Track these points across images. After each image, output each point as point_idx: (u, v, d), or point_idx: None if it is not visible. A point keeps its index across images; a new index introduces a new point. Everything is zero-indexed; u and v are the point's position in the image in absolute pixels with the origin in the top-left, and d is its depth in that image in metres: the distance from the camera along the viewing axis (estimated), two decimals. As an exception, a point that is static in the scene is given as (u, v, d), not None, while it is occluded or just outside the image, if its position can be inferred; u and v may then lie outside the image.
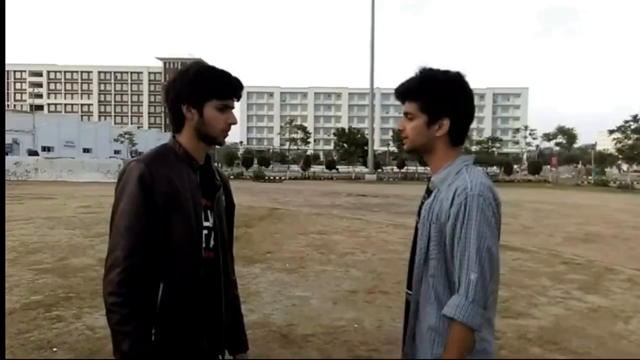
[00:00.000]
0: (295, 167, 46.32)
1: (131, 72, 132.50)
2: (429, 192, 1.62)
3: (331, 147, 74.27)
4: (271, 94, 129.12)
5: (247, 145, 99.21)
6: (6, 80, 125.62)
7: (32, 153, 42.58)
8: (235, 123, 1.66)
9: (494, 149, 58.56)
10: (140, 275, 1.46)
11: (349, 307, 5.08)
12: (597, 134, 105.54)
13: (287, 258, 7.44)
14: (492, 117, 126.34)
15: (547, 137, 67.48)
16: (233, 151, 61.58)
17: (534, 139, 67.14)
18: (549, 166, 47.95)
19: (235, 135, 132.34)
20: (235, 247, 6.88)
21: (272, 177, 37.28)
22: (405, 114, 1.61)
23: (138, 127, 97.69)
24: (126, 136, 70.96)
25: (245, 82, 1.76)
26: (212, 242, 1.64)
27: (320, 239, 9.37)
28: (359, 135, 50.66)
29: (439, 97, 1.55)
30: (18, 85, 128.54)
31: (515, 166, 48.54)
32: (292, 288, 5.78)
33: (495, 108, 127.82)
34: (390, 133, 70.58)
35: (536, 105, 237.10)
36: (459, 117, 1.58)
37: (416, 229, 1.64)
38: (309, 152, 66.77)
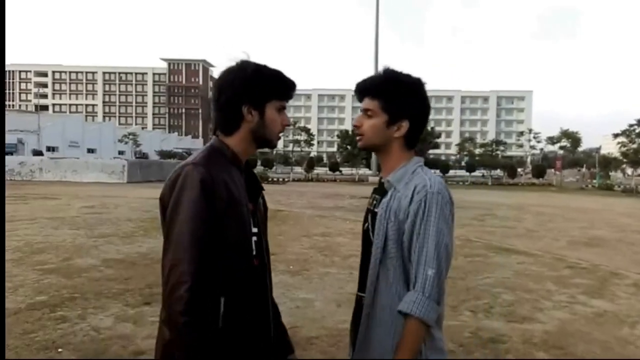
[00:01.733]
0: (298, 169, 46.39)
1: (135, 73, 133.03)
2: (381, 191, 1.60)
3: (335, 149, 74.20)
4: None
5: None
6: (11, 80, 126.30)
7: (37, 153, 42.75)
8: (290, 125, 1.61)
9: (498, 152, 58.41)
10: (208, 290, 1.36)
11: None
12: (601, 138, 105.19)
13: (290, 260, 7.43)
14: (495, 120, 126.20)
15: (551, 140, 67.26)
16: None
17: (538, 142, 66.97)
18: (553, 170, 47.84)
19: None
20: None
21: (275, 179, 37.32)
22: (365, 110, 1.59)
23: (142, 128, 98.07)
24: (130, 137, 71.22)
25: None
26: (260, 249, 1.55)
27: (323, 241, 9.36)
28: (362, 138, 50.65)
29: (402, 98, 1.55)
30: (23, 86, 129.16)
31: (519, 169, 48.47)
32: (296, 290, 5.77)
33: (499, 111, 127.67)
34: (394, 135, 70.47)
35: (540, 109, 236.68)
36: (417, 120, 1.59)
37: (364, 233, 1.62)
38: (312, 154, 66.80)
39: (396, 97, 1.55)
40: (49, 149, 52.92)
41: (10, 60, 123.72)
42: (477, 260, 7.87)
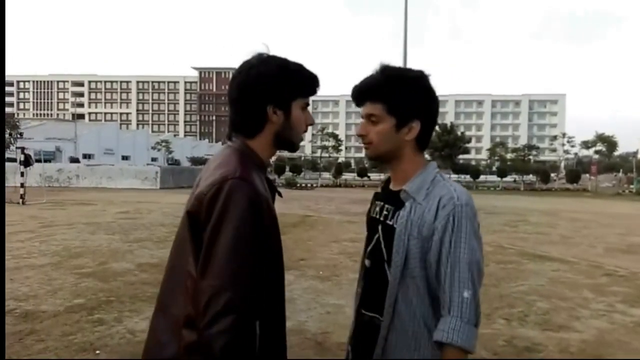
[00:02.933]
0: (326, 175, 46.39)
1: (168, 82, 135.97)
2: (392, 200, 1.45)
3: (362, 154, 74.05)
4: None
5: (279, 153, 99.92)
6: (50, 90, 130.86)
7: (74, 160, 44.11)
8: (313, 123, 1.44)
9: (530, 157, 57.19)
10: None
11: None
12: (638, 142, 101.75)
13: (320, 265, 7.45)
14: (527, 124, 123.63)
15: (586, 144, 65.57)
16: (282, 163, 62.27)
17: (572, 146, 65.45)
18: (588, 175, 46.49)
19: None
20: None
21: (303, 185, 37.47)
22: (369, 116, 1.43)
23: (174, 135, 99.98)
24: (163, 144, 72.79)
25: None
26: None
27: (353, 246, 9.33)
28: (390, 143, 50.34)
29: (409, 97, 1.40)
30: (61, 95, 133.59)
31: (552, 174, 47.26)
32: (326, 296, 5.78)
33: (531, 115, 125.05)
34: (423, 140, 69.80)
35: (574, 112, 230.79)
36: (429, 118, 1.45)
37: (367, 243, 1.51)
38: (340, 160, 66.77)
39: (402, 96, 1.39)
40: (85, 156, 54.53)
41: (48, 71, 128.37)
42: (510, 267, 7.72)
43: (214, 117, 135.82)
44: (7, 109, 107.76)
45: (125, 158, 66.18)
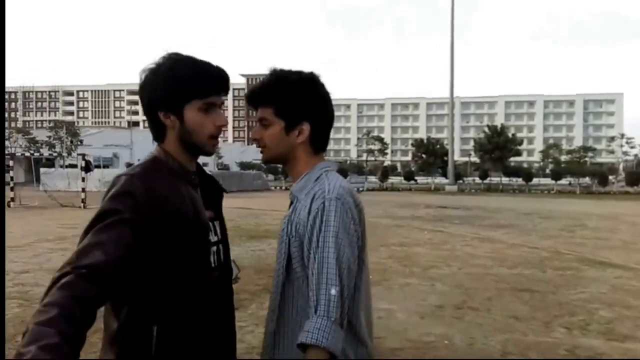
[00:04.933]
0: (372, 179, 46.16)
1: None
2: (290, 204, 1.42)
3: (409, 158, 73.24)
4: (348, 106, 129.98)
5: (325, 157, 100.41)
6: (106, 99, 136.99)
7: (130, 166, 45.86)
8: (225, 125, 1.39)
9: (586, 159, 54.74)
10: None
11: (437, 322, 4.98)
12: None
13: (370, 269, 7.41)
14: (583, 124, 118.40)
15: (647, 145, 61.95)
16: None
17: (632, 147, 61.96)
18: (650, 177, 43.91)
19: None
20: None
21: (350, 189, 37.41)
22: (260, 120, 1.42)
23: (223, 141, 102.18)
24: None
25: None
26: (221, 258, 1.44)
27: (401, 250, 9.27)
28: (438, 146, 49.70)
29: (295, 99, 1.38)
30: (117, 104, 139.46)
31: (610, 177, 45.02)
32: (377, 300, 5.74)
33: (586, 115, 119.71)
34: (472, 143, 68.28)
35: (632, 112, 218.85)
36: (319, 120, 1.42)
37: None
38: (386, 164, 66.28)
39: (289, 99, 1.37)
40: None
41: (105, 80, 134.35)
42: (569, 273, 7.43)
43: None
44: (68, 118, 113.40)
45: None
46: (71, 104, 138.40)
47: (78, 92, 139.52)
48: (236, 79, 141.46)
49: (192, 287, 1.28)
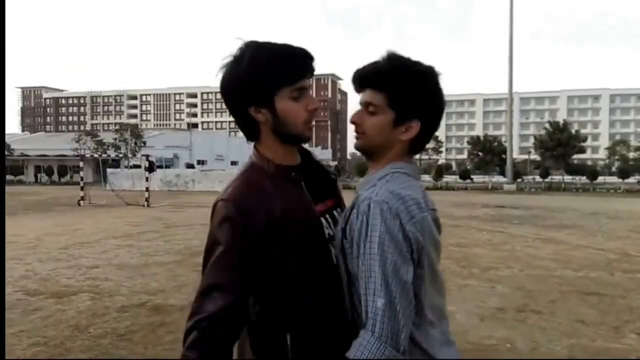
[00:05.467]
0: (426, 177, 45.38)
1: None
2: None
3: (465, 156, 71.50)
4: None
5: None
6: (167, 102, 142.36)
7: (189, 166, 47.60)
8: (317, 108, 1.29)
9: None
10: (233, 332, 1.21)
11: (498, 324, 4.85)
12: None
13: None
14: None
15: None
16: (364, 161, 62.39)
17: None
18: None
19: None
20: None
21: (403, 188, 36.97)
22: (367, 104, 1.27)
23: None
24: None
25: None
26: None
27: (459, 251, 9.06)
28: (495, 143, 48.14)
29: (414, 93, 1.24)
30: (177, 106, 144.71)
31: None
32: (435, 301, 5.67)
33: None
34: (532, 140, 65.61)
35: None
36: (430, 121, 1.28)
37: None
38: (440, 162, 65.01)
39: (406, 90, 1.24)
40: (199, 162, 58.58)
41: (166, 84, 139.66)
42: (639, 277, 7.01)
43: (313, 123, 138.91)
44: (132, 120, 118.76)
45: (234, 163, 70.03)
46: (135, 107, 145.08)
47: (141, 95, 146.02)
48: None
49: (317, 289, 1.23)
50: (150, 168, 20.60)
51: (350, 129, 1.37)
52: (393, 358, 1.06)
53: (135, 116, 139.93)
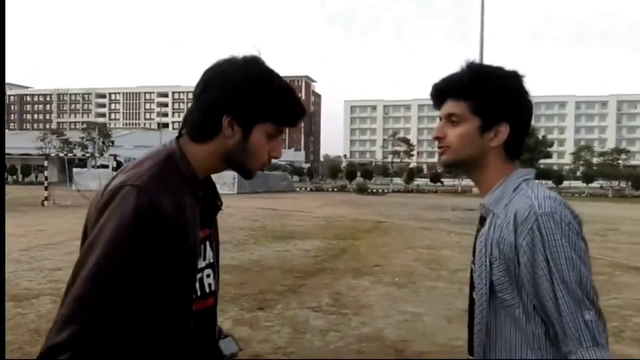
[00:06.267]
0: (398, 180, 45.87)
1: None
2: (481, 220, 1.25)
3: (435, 159, 72.46)
4: (374, 107, 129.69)
5: (350, 159, 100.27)
6: (137, 101, 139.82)
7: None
8: (278, 157, 1.22)
9: (620, 161, 53.18)
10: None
11: (465, 326, 4.90)
12: None
13: (395, 272, 7.38)
14: (616, 126, 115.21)
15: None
16: (336, 164, 62.56)
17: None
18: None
19: (338, 148, 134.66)
20: (343, 259, 7.01)
21: (375, 190, 37.27)
22: (449, 116, 1.23)
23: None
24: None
25: (348, 96, 1.35)
26: (213, 285, 1.23)
27: (428, 253, 9.18)
28: (465, 147, 48.87)
29: (498, 95, 1.21)
30: (147, 106, 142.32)
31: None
32: (404, 303, 5.72)
33: (619, 116, 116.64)
34: (500, 145, 67.09)
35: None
36: (520, 122, 1.25)
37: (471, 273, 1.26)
38: (412, 165, 65.80)
39: (490, 94, 1.21)
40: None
41: (136, 83, 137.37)
42: (601, 279, 7.20)
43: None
44: (100, 119, 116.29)
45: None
46: (103, 106, 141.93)
47: (110, 94, 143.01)
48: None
49: (173, 319, 1.09)
50: (118, 168, 20.13)
51: (325, 131, 1.30)
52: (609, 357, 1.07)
53: (103, 115, 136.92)
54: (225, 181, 30.26)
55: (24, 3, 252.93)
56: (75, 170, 30.37)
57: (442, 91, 1.26)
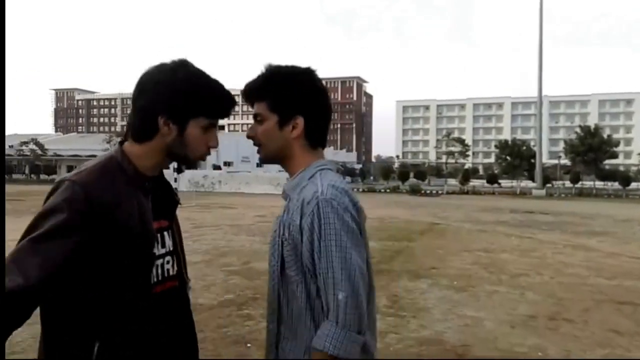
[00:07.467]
0: (452, 181, 44.84)
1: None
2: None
3: (492, 160, 70.33)
4: (427, 107, 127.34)
5: (402, 159, 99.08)
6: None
7: (216, 167, 48.20)
8: (216, 147, 1.34)
9: None
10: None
11: (528, 332, 4.77)
12: None
13: (453, 275, 7.26)
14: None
15: None
16: (389, 165, 62.06)
17: None
18: None
19: (390, 149, 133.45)
20: (398, 260, 6.94)
21: (428, 191, 36.64)
22: (255, 116, 1.38)
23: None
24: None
25: (400, 97, 1.43)
26: (174, 269, 1.37)
27: (487, 257, 8.95)
28: (524, 147, 47.06)
29: (288, 92, 1.34)
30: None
31: None
32: (463, 307, 5.62)
33: None
34: (561, 144, 64.22)
35: None
36: (314, 114, 1.36)
37: None
38: (467, 166, 64.14)
39: (282, 92, 1.34)
40: (225, 163, 59.12)
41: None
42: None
43: (338, 125, 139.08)
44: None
45: (259, 165, 70.65)
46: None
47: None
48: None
49: (132, 301, 1.21)
50: (179, 169, 20.87)
51: (376, 131, 1.40)
52: (355, 341, 1.17)
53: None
54: (280, 182, 30.80)
55: (90, 12, 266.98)
56: (138, 171, 31.50)
57: (247, 95, 1.39)
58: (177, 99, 1.23)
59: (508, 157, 46.35)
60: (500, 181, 43.39)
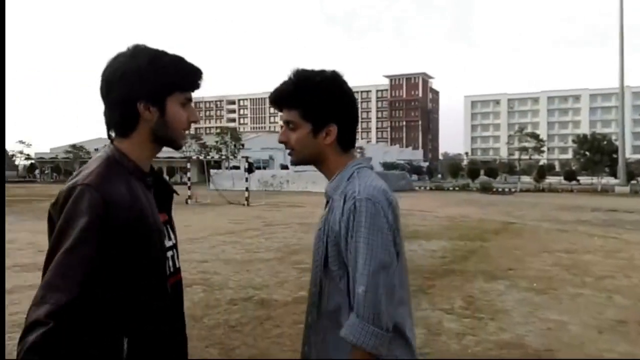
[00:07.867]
0: (526, 179, 42.92)
1: (361, 91, 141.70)
2: (326, 204, 1.43)
3: (569, 156, 66.53)
4: (497, 102, 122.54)
5: (471, 156, 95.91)
6: (262, 106, 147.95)
7: (284, 167, 49.13)
8: (197, 121, 1.36)
9: None
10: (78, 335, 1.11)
11: (618, 338, 4.49)
12: None
13: (532, 277, 6.96)
14: None
15: None
16: (457, 162, 60.40)
17: None
18: None
19: (457, 146, 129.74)
20: (472, 260, 6.75)
21: (500, 189, 35.28)
22: (286, 123, 1.41)
23: (367, 142, 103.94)
24: (358, 150, 76.05)
25: (468, 92, 1.40)
26: (176, 263, 1.39)
27: (568, 258, 8.50)
28: (605, 142, 44.10)
29: (320, 101, 1.37)
30: (272, 110, 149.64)
31: None
32: (545, 310, 5.38)
33: None
34: (648, 138, 59.36)
35: None
36: (345, 120, 1.41)
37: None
38: (542, 162, 61.08)
39: (314, 101, 1.37)
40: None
41: (262, 89, 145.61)
42: None
43: (404, 123, 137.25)
44: (231, 124, 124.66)
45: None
46: (233, 111, 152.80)
47: (239, 100, 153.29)
48: (380, 81, 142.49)
49: (154, 294, 1.24)
50: (250, 169, 21.59)
51: (442, 129, 1.42)
52: (373, 334, 1.22)
53: (233, 120, 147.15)
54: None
55: (89, 13, 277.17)
56: (212, 171, 32.99)
57: (277, 101, 1.43)
58: (149, 81, 1.24)
59: (587, 153, 43.60)
60: (579, 178, 40.98)
